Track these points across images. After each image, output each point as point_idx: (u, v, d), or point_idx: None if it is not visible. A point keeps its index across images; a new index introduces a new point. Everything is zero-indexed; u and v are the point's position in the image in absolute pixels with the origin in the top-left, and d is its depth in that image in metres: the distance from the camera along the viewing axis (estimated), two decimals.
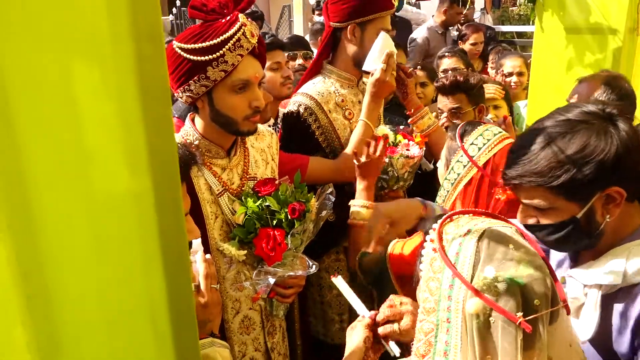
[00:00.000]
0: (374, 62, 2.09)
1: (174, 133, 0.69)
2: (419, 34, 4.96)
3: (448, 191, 1.79)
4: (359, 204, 1.86)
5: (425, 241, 1.05)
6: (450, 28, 5.17)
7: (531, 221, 1.25)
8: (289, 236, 1.63)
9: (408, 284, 1.27)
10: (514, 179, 1.22)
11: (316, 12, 6.81)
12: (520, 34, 7.99)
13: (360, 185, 1.89)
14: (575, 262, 1.34)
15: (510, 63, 3.82)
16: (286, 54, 3.01)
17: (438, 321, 0.97)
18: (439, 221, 1.06)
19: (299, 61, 3.30)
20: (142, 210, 0.70)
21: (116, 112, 0.62)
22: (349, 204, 1.89)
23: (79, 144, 0.62)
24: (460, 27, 5.36)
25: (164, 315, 0.74)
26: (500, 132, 1.79)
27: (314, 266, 1.73)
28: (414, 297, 1.16)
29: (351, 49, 2.18)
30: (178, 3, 9.24)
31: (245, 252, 1.65)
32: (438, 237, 1.02)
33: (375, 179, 1.92)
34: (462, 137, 1.80)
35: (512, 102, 3.22)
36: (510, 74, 3.77)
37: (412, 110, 2.36)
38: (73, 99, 0.60)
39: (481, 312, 0.91)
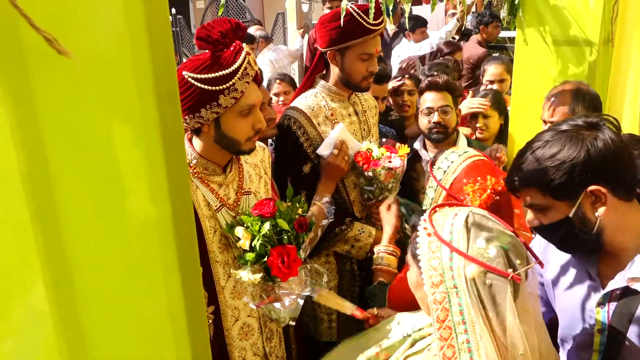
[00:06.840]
0: (327, 148, 2.25)
1: (188, 173, 0.86)
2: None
3: None
4: (385, 250, 2.05)
5: (418, 231, 1.23)
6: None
7: (536, 222, 1.39)
8: (300, 250, 1.70)
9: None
10: (513, 181, 1.39)
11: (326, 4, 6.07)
12: (513, 39, 8.09)
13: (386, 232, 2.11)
14: (598, 277, 1.41)
15: (492, 71, 3.94)
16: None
17: (447, 289, 1.14)
18: (426, 214, 1.24)
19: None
20: (163, 232, 0.87)
21: (143, 157, 0.80)
22: (374, 249, 2.09)
23: (115, 181, 0.79)
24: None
25: (181, 314, 0.91)
26: (465, 152, 1.94)
27: (325, 276, 1.81)
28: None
29: (335, 70, 2.34)
30: (173, 11, 9.30)
31: (261, 275, 1.67)
32: (430, 224, 1.20)
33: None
34: (432, 164, 1.99)
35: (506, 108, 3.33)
36: (492, 82, 3.88)
37: None
38: (111, 148, 0.77)
39: (478, 275, 1.12)
